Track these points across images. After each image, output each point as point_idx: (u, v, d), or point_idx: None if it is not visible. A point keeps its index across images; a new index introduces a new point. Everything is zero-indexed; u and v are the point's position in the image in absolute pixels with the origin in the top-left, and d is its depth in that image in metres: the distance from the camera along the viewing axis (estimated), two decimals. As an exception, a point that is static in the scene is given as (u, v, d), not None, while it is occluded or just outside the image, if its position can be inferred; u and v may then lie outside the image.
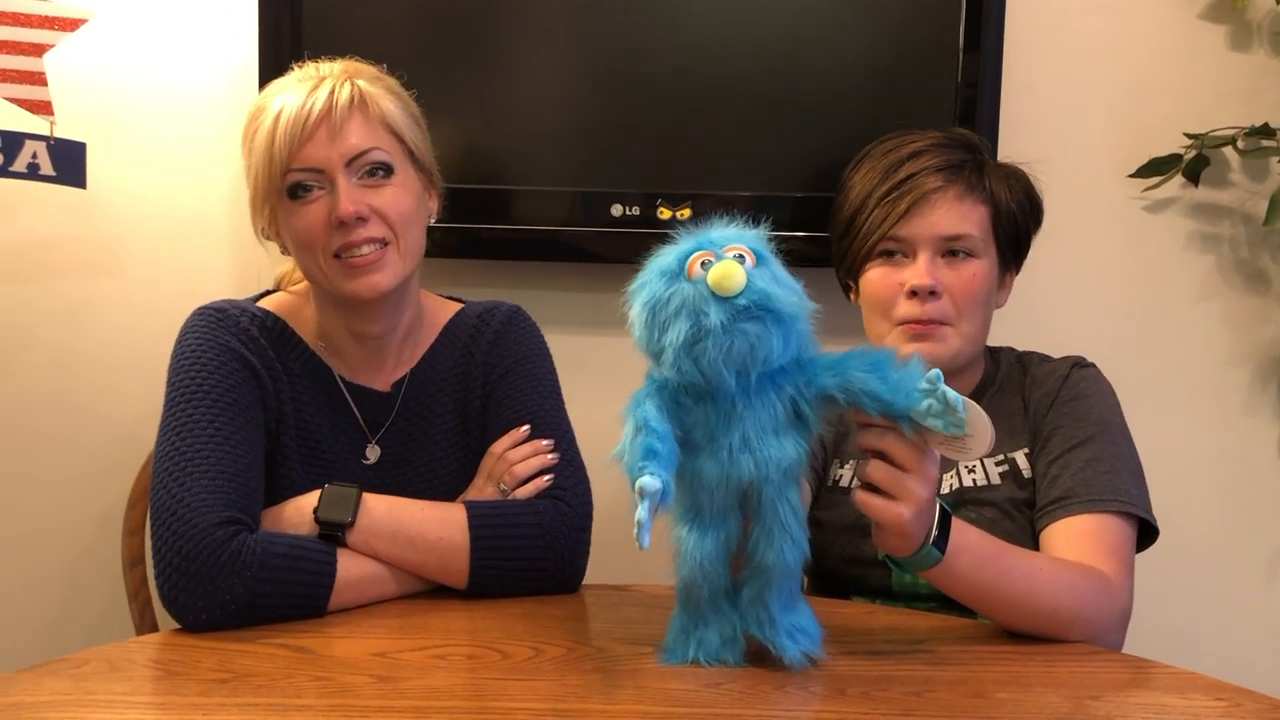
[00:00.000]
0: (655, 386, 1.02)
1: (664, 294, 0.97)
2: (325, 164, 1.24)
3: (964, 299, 1.35)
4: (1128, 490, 1.30)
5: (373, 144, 1.26)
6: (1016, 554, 1.17)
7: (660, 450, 0.97)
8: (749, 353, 0.96)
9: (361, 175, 1.26)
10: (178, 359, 1.28)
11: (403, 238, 1.28)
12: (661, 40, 1.74)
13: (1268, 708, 0.97)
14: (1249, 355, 1.86)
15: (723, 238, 1.00)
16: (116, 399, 1.86)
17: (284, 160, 1.24)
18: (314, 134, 1.24)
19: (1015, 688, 1.01)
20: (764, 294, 0.95)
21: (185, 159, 1.84)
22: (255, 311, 1.33)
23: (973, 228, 1.36)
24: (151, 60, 1.82)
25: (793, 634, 1.03)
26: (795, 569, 1.03)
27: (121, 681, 0.99)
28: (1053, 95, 1.82)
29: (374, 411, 1.36)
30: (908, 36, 1.73)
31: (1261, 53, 1.81)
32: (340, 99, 1.24)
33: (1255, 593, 1.89)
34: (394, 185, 1.28)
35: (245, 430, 1.23)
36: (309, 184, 1.25)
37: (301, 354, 1.34)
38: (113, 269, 1.86)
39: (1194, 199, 1.84)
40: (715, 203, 1.72)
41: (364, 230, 1.25)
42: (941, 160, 1.38)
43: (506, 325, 1.41)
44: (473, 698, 0.97)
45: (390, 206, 1.27)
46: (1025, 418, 1.41)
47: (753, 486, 1.00)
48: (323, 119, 1.23)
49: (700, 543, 1.02)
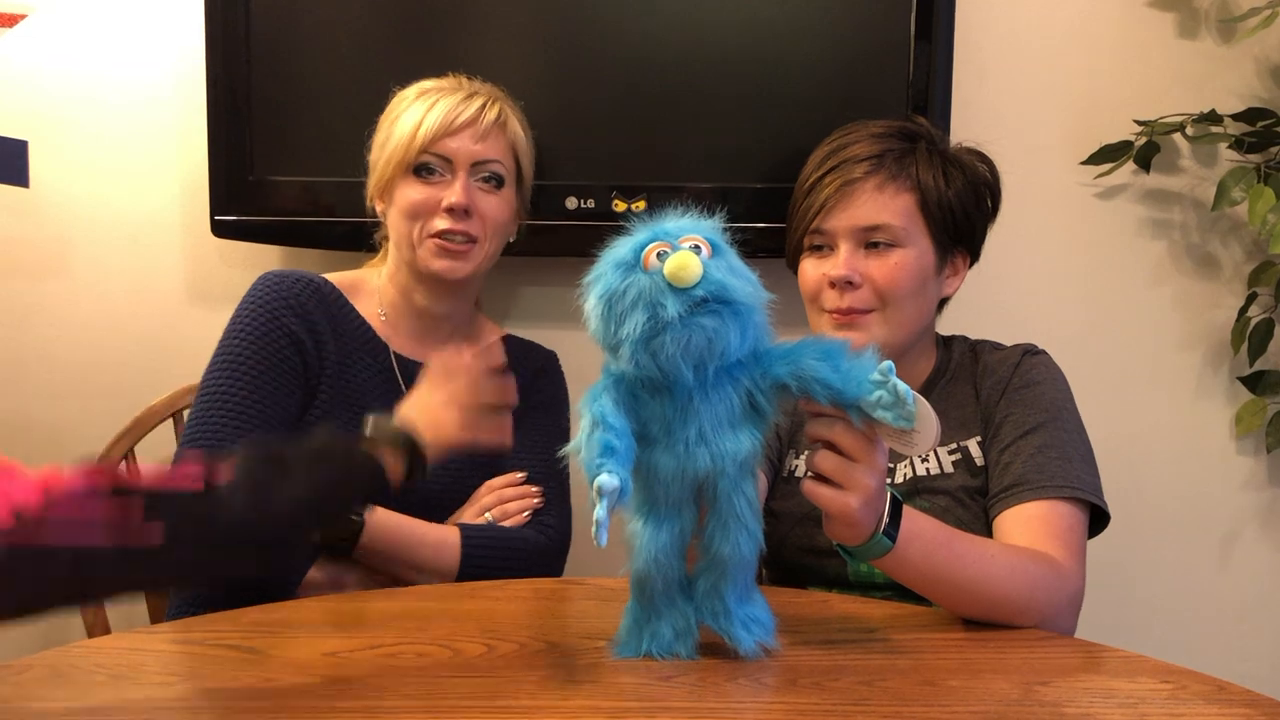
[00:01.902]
0: (612, 380, 1.01)
1: (620, 286, 0.96)
2: (456, 158, 1.43)
3: (886, 288, 1.36)
4: (1079, 476, 1.31)
5: (498, 158, 1.46)
6: (968, 541, 1.17)
7: (618, 447, 0.96)
8: (706, 347, 0.95)
9: (478, 179, 1.44)
10: (231, 323, 1.41)
11: (489, 241, 1.46)
12: (615, 32, 1.73)
13: (1212, 689, 0.98)
14: (1200, 339, 1.88)
15: (678, 228, 0.99)
16: (65, 403, 1.84)
17: (424, 142, 1.42)
18: (459, 131, 1.43)
19: (966, 675, 1.02)
20: (721, 284, 0.94)
21: (133, 159, 1.82)
22: (319, 282, 1.46)
23: (892, 217, 1.36)
24: (96, 59, 1.80)
25: (747, 625, 1.03)
26: (751, 560, 1.03)
27: (64, 687, 0.98)
28: (1004, 84, 1.83)
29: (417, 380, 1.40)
30: (859, 27, 1.73)
31: (1209, 40, 1.83)
32: (489, 115, 1.45)
33: (1209, 573, 1.91)
34: (500, 197, 1.46)
35: (271, 408, 1.36)
36: (436, 168, 1.43)
37: (355, 323, 1.47)
38: (60, 270, 1.83)
39: (1145, 185, 1.86)
40: (671, 194, 1.70)
41: (465, 224, 1.43)
42: (866, 150, 1.38)
43: (545, 367, 1.58)
44: (423, 697, 0.96)
45: (491, 212, 1.45)
46: (977, 406, 1.41)
47: (709, 480, 1.00)
48: (470, 123, 1.43)
49: (655, 536, 1.02)
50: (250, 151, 1.71)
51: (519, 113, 1.52)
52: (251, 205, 1.72)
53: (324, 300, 1.44)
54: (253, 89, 1.70)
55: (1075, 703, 0.95)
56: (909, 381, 1.40)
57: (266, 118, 1.71)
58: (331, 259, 1.74)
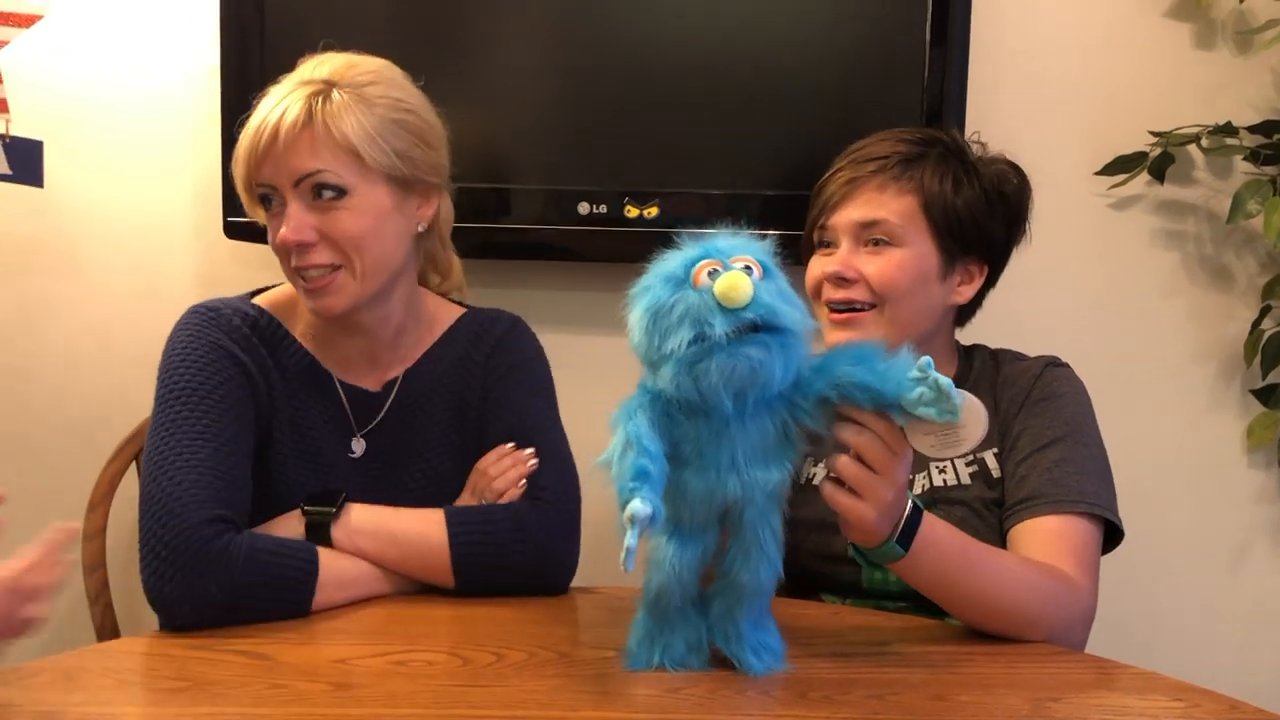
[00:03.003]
0: (649, 397, 0.99)
1: (668, 300, 0.95)
2: (276, 183, 1.24)
3: (882, 285, 1.36)
4: (1095, 492, 1.30)
5: (318, 165, 1.22)
6: (982, 551, 1.17)
7: (652, 472, 0.94)
8: (750, 377, 0.94)
9: (312, 197, 1.23)
10: (169, 357, 1.27)
11: (358, 260, 1.25)
12: (628, 36, 1.73)
13: (1225, 708, 0.98)
14: (1213, 351, 1.87)
15: (731, 247, 0.97)
16: (75, 402, 1.84)
17: (246, 176, 1.25)
18: (267, 153, 1.22)
19: (977, 690, 1.01)
20: (770, 309, 0.93)
21: (147, 161, 1.82)
22: (248, 310, 1.32)
23: (890, 215, 1.37)
24: (111, 61, 1.80)
25: (758, 651, 1.03)
26: (769, 589, 1.03)
27: (75, 691, 0.98)
28: (1018, 93, 1.83)
29: (364, 407, 1.36)
30: (874, 34, 1.73)
31: (1225, 51, 1.82)
32: (288, 120, 1.21)
33: (1220, 587, 1.90)
34: (346, 208, 1.24)
35: (234, 428, 1.23)
36: (270, 197, 1.26)
37: (294, 351, 1.33)
38: (72, 270, 1.83)
39: (1159, 196, 1.85)
40: (683, 200, 1.72)
41: (311, 255, 1.24)
42: (878, 151, 1.40)
43: (508, 332, 1.42)
44: (431, 705, 0.96)
45: (339, 230, 1.24)
46: (996, 417, 1.41)
47: (735, 506, 1.00)
48: (271, 140, 1.21)
49: (679, 553, 1.01)
50: (264, 154, 1.70)
51: (369, 85, 1.26)
52: (264, 208, 1.72)
53: (260, 331, 1.31)
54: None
55: (1088, 719, 0.95)
56: None
57: (280, 120, 1.71)
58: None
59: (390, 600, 1.25)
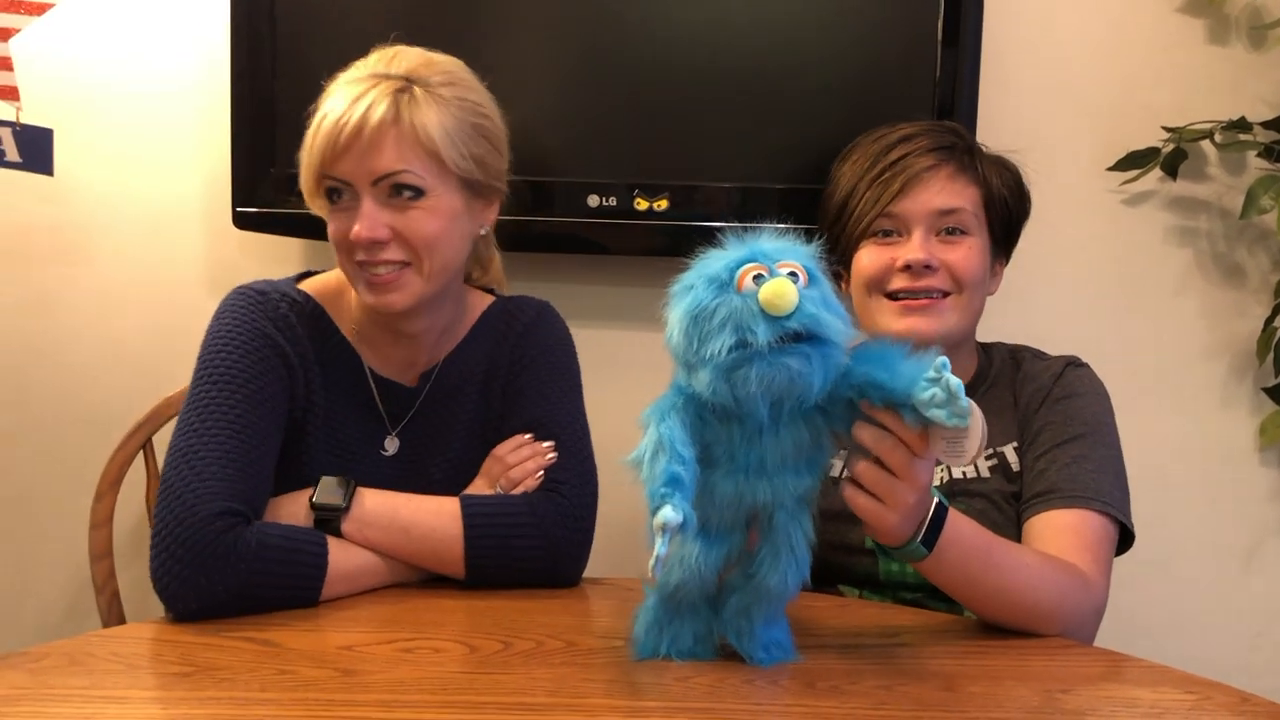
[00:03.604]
0: (683, 399, 0.97)
1: (710, 304, 0.92)
2: (353, 180, 1.23)
3: (962, 273, 1.36)
4: (1110, 492, 1.30)
5: (402, 166, 1.22)
6: (1004, 549, 1.16)
7: (684, 478, 0.92)
8: (787, 387, 0.92)
9: (389, 195, 1.23)
10: (212, 336, 1.27)
11: (427, 260, 1.25)
12: (638, 29, 1.73)
13: (1236, 701, 0.97)
14: (1225, 349, 1.87)
15: (777, 251, 0.95)
16: (84, 391, 1.84)
17: (317, 168, 1.23)
18: (347, 149, 1.21)
19: (986, 681, 1.01)
20: (814, 318, 0.91)
21: (156, 150, 1.82)
22: (295, 296, 1.32)
23: (966, 203, 1.37)
24: (121, 49, 1.81)
25: (769, 648, 1.03)
26: (793, 594, 1.02)
27: (81, 675, 0.98)
28: (1030, 89, 1.82)
29: (397, 404, 1.36)
30: (886, 30, 1.72)
31: (1239, 47, 1.82)
32: (374, 116, 1.20)
33: (1231, 585, 1.89)
34: (422, 208, 1.24)
35: (264, 420, 1.23)
36: (341, 191, 1.24)
37: (336, 343, 1.33)
38: (81, 258, 1.84)
39: (1172, 192, 1.84)
40: (693, 194, 1.72)
41: (383, 252, 1.24)
42: (933, 142, 1.39)
43: (535, 319, 1.41)
44: (438, 691, 0.96)
45: (414, 230, 1.24)
46: (1015, 412, 1.41)
47: (765, 510, 0.99)
48: (355, 136, 1.20)
49: (705, 554, 1.00)
50: (274, 143, 1.70)
51: (455, 85, 1.27)
52: (273, 197, 1.72)
53: (305, 320, 1.30)
54: (277, 81, 1.70)
55: (1098, 711, 0.94)
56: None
57: (290, 110, 1.69)
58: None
59: (398, 589, 1.24)
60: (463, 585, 1.25)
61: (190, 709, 0.92)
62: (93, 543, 1.54)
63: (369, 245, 1.23)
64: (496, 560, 1.24)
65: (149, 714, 0.92)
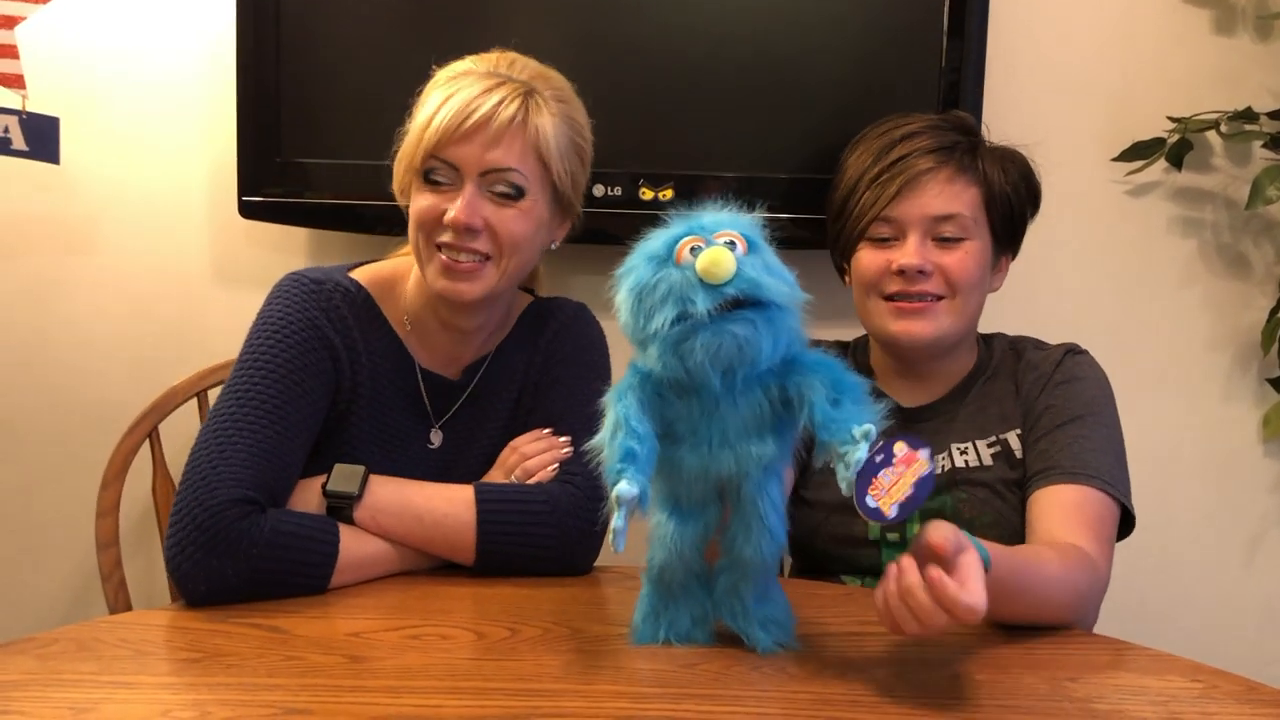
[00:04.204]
0: (639, 378, 0.99)
1: (650, 279, 0.94)
2: (464, 165, 1.25)
3: (957, 278, 1.36)
4: (1111, 472, 1.30)
5: (514, 165, 1.26)
6: (1027, 570, 1.09)
7: (639, 453, 0.94)
8: (737, 354, 0.93)
9: (492, 189, 1.27)
10: (261, 322, 1.28)
11: (508, 258, 1.29)
12: (644, 19, 1.72)
13: (1243, 689, 0.97)
14: (1230, 339, 1.87)
15: (714, 223, 0.96)
16: (90, 380, 1.84)
17: (429, 147, 1.25)
18: (468, 136, 1.24)
19: (994, 669, 1.01)
20: (753, 283, 0.92)
21: (162, 139, 1.82)
22: (348, 285, 1.33)
23: (963, 208, 1.36)
24: (127, 38, 1.80)
25: (766, 625, 1.03)
26: (772, 563, 1.02)
27: (90, 661, 0.98)
28: (1036, 79, 1.82)
29: (442, 398, 1.37)
30: (892, 20, 1.72)
31: (1245, 37, 1.81)
32: (504, 113, 1.24)
33: (1235, 575, 1.90)
34: (518, 209, 1.28)
35: (300, 412, 1.24)
36: (442, 177, 1.27)
37: (384, 335, 1.34)
38: (87, 248, 1.84)
39: (1177, 183, 1.84)
40: (698, 183, 1.71)
41: (472, 241, 1.27)
42: (934, 142, 1.38)
43: (570, 321, 1.43)
44: (446, 677, 0.96)
45: (505, 227, 1.27)
46: (1017, 399, 1.41)
47: (732, 481, 0.99)
48: (481, 126, 1.24)
49: (680, 531, 1.01)
50: (279, 132, 1.70)
51: (566, 103, 1.32)
52: (279, 187, 1.72)
53: (357, 310, 1.32)
54: (282, 70, 1.70)
55: (1105, 699, 0.94)
56: (952, 377, 1.41)
57: (296, 99, 1.71)
58: (359, 242, 1.74)
59: (407, 576, 1.25)
60: (471, 572, 1.25)
61: (198, 694, 0.92)
62: (99, 531, 1.54)
63: (462, 231, 1.26)
64: (509, 548, 1.25)
65: (157, 699, 0.92)
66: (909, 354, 1.41)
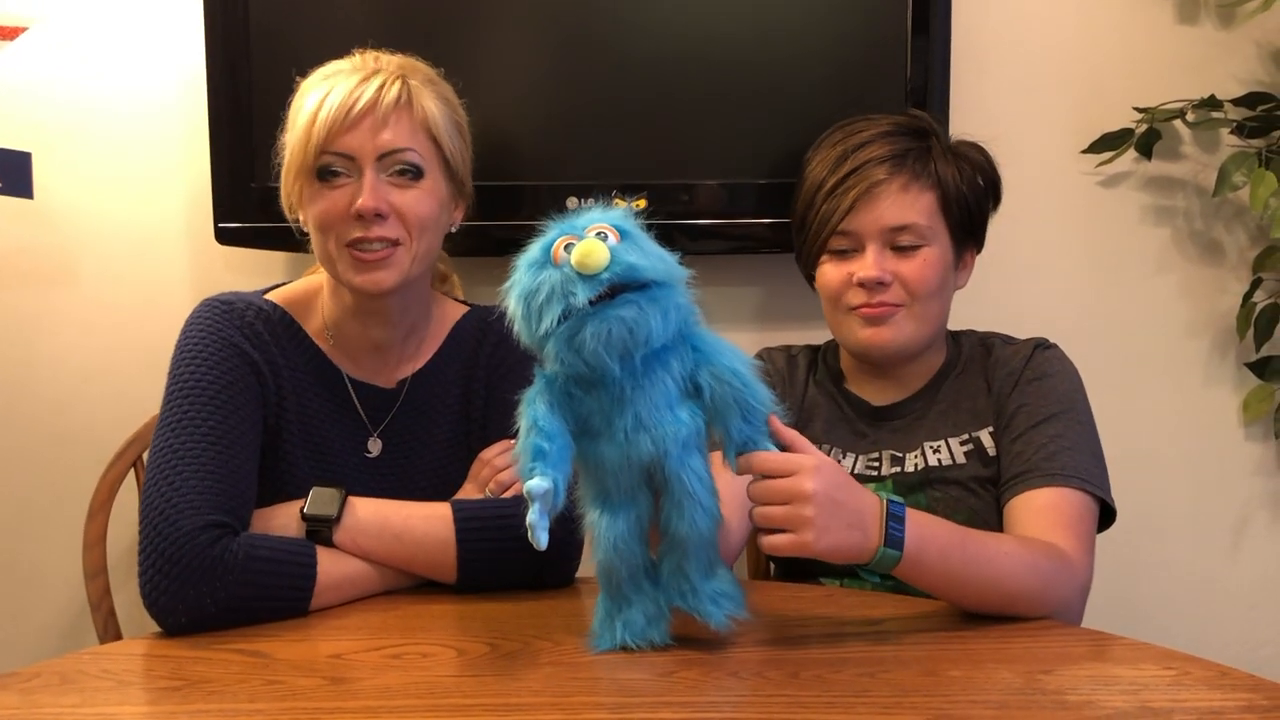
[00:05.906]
0: (545, 383, 1.03)
1: (533, 284, 0.98)
2: (359, 154, 1.27)
3: (916, 287, 1.37)
4: (1088, 469, 1.31)
5: (409, 145, 1.28)
6: (981, 540, 1.16)
7: (548, 450, 0.98)
8: (629, 337, 0.96)
9: (391, 173, 1.28)
10: (181, 351, 1.29)
11: (416, 241, 1.30)
12: (615, 29, 1.73)
13: (1215, 674, 0.98)
14: (1206, 326, 1.88)
15: (585, 220, 1.00)
16: (72, 410, 1.85)
17: (320, 143, 1.26)
18: (356, 124, 1.26)
19: (968, 665, 1.02)
20: (629, 266, 0.95)
21: (136, 169, 1.83)
22: (262, 305, 1.34)
23: (918, 216, 1.37)
24: (97, 70, 1.81)
25: (716, 599, 1.05)
26: (710, 536, 1.04)
27: (72, 694, 0.99)
28: (1002, 75, 1.83)
29: (376, 407, 1.38)
30: (857, 22, 1.72)
31: (1209, 25, 1.82)
32: (388, 96, 1.27)
33: (1218, 562, 1.90)
34: (420, 189, 1.29)
35: (240, 429, 1.24)
36: (338, 169, 1.28)
37: (306, 349, 1.35)
38: (65, 280, 1.84)
39: (1147, 173, 1.85)
40: (673, 192, 1.72)
41: (379, 228, 1.27)
42: (886, 150, 1.39)
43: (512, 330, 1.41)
44: (426, 696, 0.97)
45: (410, 208, 1.28)
46: (989, 397, 1.42)
47: (655, 463, 1.02)
48: (367, 111, 1.26)
49: (612, 524, 1.04)
50: (252, 159, 1.70)
51: (437, 84, 1.35)
52: (254, 212, 1.72)
53: (273, 327, 1.32)
54: (254, 96, 1.70)
55: (1078, 690, 0.95)
56: (922, 375, 1.44)
57: (268, 125, 1.70)
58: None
59: (388, 596, 1.25)
60: (453, 590, 1.26)
61: (180, 723, 0.93)
62: (86, 562, 1.54)
63: (371, 217, 1.26)
64: (489, 564, 1.25)
65: (139, 729, 0.93)
66: (879, 360, 1.42)
